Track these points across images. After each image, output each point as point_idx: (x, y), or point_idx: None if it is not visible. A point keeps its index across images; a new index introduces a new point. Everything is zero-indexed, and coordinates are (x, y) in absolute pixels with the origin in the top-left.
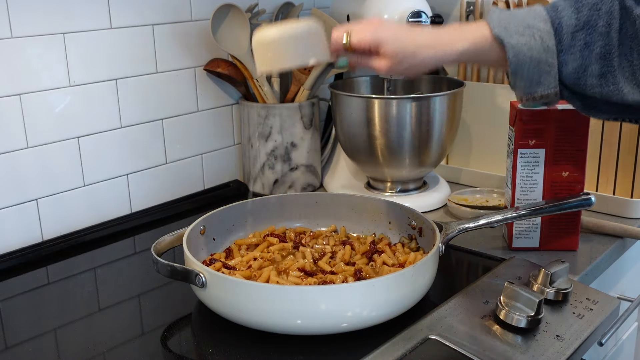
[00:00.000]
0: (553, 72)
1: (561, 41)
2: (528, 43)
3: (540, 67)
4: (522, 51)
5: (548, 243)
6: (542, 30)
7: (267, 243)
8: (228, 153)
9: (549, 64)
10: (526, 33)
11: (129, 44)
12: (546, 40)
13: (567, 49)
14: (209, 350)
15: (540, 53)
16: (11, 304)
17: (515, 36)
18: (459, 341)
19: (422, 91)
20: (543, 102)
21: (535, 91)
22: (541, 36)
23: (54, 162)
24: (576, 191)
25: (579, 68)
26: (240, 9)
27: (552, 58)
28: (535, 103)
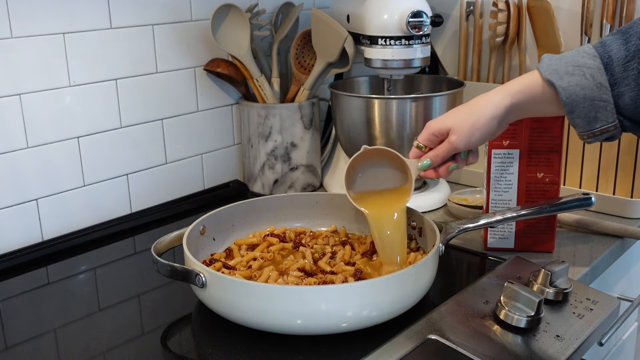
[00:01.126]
0: (609, 107)
1: (613, 74)
2: (579, 83)
3: (595, 104)
4: (575, 91)
5: (523, 244)
6: (592, 68)
7: (267, 243)
8: (228, 153)
9: (604, 99)
10: (576, 72)
11: (129, 44)
12: (597, 77)
13: (620, 81)
14: (209, 350)
15: (593, 91)
16: (11, 304)
17: (566, 77)
18: (459, 341)
19: (422, 91)
20: (606, 137)
21: (595, 127)
22: (592, 74)
23: (54, 162)
24: (552, 192)
25: (636, 97)
26: (240, 9)
27: (605, 94)
28: (598, 138)
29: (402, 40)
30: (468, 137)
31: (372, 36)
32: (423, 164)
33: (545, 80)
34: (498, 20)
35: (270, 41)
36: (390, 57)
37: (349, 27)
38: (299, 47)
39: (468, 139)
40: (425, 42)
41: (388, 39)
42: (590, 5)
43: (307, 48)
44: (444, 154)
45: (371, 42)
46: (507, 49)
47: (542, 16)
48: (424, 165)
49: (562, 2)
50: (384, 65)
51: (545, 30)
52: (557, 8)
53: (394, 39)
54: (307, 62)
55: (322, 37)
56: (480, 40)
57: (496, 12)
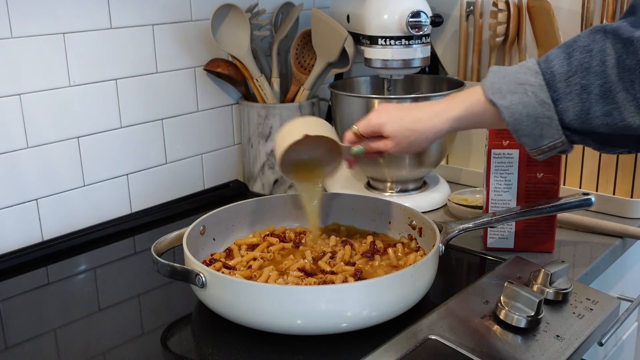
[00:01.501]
0: (554, 123)
1: (556, 90)
2: (522, 101)
3: (539, 121)
4: (517, 110)
5: (523, 244)
6: (533, 85)
7: (267, 243)
8: (228, 153)
9: (547, 116)
10: (518, 90)
11: (129, 44)
12: (539, 95)
13: (564, 97)
14: (209, 350)
15: (535, 109)
16: (11, 304)
17: (508, 96)
18: (459, 341)
19: (422, 91)
20: (557, 152)
21: (542, 145)
22: (533, 91)
23: (54, 162)
24: (552, 192)
25: (580, 112)
26: (240, 9)
27: (549, 111)
28: (548, 154)
29: (402, 40)
30: (405, 150)
31: (372, 36)
32: (356, 151)
33: (487, 99)
34: (498, 20)
35: (270, 41)
36: (390, 57)
37: (349, 27)
38: (299, 47)
39: (405, 151)
40: (425, 42)
41: (388, 39)
42: (590, 5)
43: (307, 48)
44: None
45: (371, 42)
46: (507, 49)
47: (542, 16)
48: (357, 151)
49: (562, 2)
50: (384, 65)
51: (545, 30)
52: (557, 8)
53: (394, 39)
54: (307, 62)
55: (322, 37)
56: (480, 40)
57: (496, 12)
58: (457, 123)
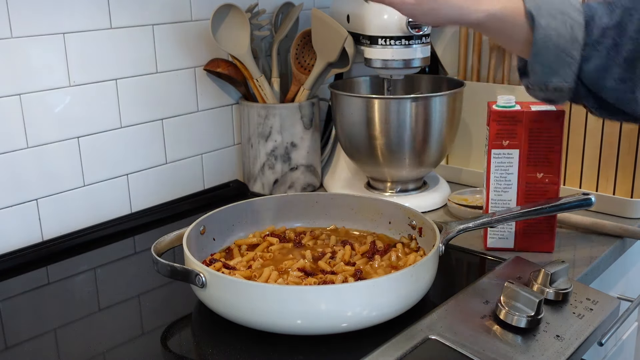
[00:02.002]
0: (573, 65)
1: (590, 35)
2: (557, 29)
3: (561, 56)
4: (550, 35)
5: (523, 244)
6: (574, 20)
7: (267, 243)
8: (228, 153)
9: (572, 56)
10: (558, 18)
11: (129, 44)
12: (576, 31)
13: (593, 44)
14: (209, 350)
15: (566, 42)
16: (11, 304)
17: (547, 17)
18: (459, 341)
19: (422, 91)
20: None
21: (550, 81)
22: (572, 25)
23: (54, 162)
24: (552, 192)
25: (601, 66)
26: (240, 9)
27: (576, 51)
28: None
29: (402, 40)
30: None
31: (372, 36)
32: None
33: (526, 11)
34: None
35: (270, 41)
36: (390, 57)
37: (349, 27)
38: (299, 47)
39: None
40: (425, 42)
41: (388, 39)
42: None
43: (307, 48)
44: None
45: (371, 42)
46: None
47: None
48: None
49: None
50: (384, 65)
51: None
52: None
53: (394, 39)
54: (307, 62)
55: (322, 37)
56: (480, 40)
57: None
58: (488, 19)
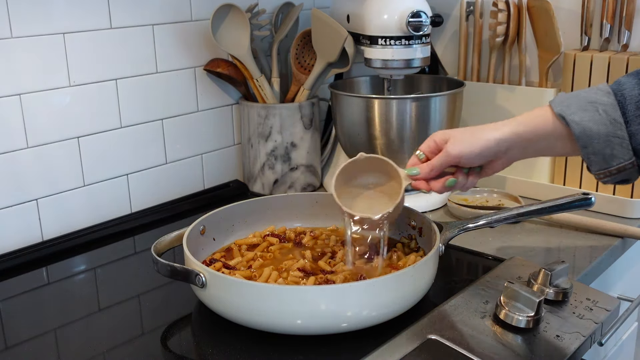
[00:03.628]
0: (625, 143)
1: (626, 113)
2: (592, 118)
3: (610, 140)
4: (588, 126)
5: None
6: (605, 104)
7: (267, 243)
8: (228, 153)
9: (619, 135)
10: (589, 108)
11: (129, 44)
12: (611, 113)
13: (633, 120)
14: (209, 350)
15: (607, 126)
16: (11, 304)
17: (579, 112)
18: (459, 341)
19: (422, 91)
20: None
21: (611, 165)
22: (605, 110)
23: (54, 162)
24: None
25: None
26: (240, 9)
27: (620, 130)
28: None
29: (402, 40)
30: (463, 147)
31: (372, 36)
32: (410, 171)
33: (556, 114)
34: (498, 20)
35: (270, 41)
36: (390, 57)
37: (349, 27)
38: (299, 47)
39: (462, 148)
40: (425, 42)
41: (388, 39)
42: (590, 5)
43: (307, 48)
44: (438, 164)
45: (371, 42)
46: (507, 49)
47: (542, 16)
48: (412, 172)
49: (562, 2)
50: (384, 65)
51: (545, 30)
52: (557, 8)
53: (394, 39)
54: (307, 62)
55: (322, 37)
56: (480, 40)
57: (496, 12)
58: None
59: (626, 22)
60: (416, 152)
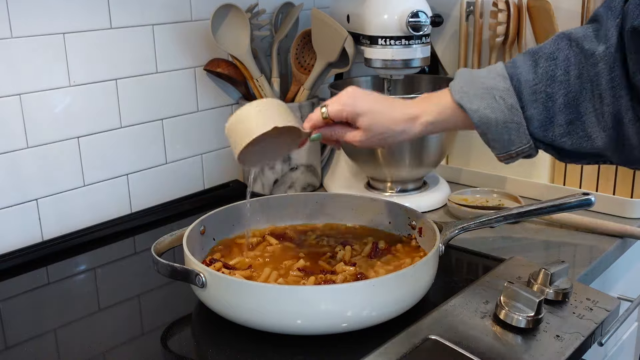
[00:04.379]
0: (522, 129)
1: (522, 98)
2: (490, 105)
3: (508, 126)
4: (485, 114)
5: None
6: (502, 90)
7: (267, 243)
8: (228, 153)
9: (516, 121)
10: (486, 96)
11: (129, 44)
12: (508, 100)
13: (529, 104)
14: (209, 350)
15: (504, 113)
16: (11, 304)
17: (476, 100)
18: (459, 341)
19: (422, 91)
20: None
21: (510, 150)
22: (502, 96)
23: (54, 162)
24: None
25: (545, 121)
26: (240, 9)
27: (517, 116)
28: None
29: (402, 40)
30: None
31: (372, 36)
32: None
33: (455, 103)
34: (498, 20)
35: (270, 41)
36: (390, 57)
37: (349, 27)
38: (299, 47)
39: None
40: (425, 42)
41: (388, 39)
42: (590, 5)
43: (307, 48)
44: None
45: (371, 42)
46: (507, 49)
47: (542, 16)
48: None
49: (562, 2)
50: (384, 65)
51: (545, 30)
52: (557, 8)
53: (393, 39)
54: (307, 62)
55: (322, 37)
56: (480, 40)
57: (496, 12)
58: (430, 127)
59: None
60: (322, 110)
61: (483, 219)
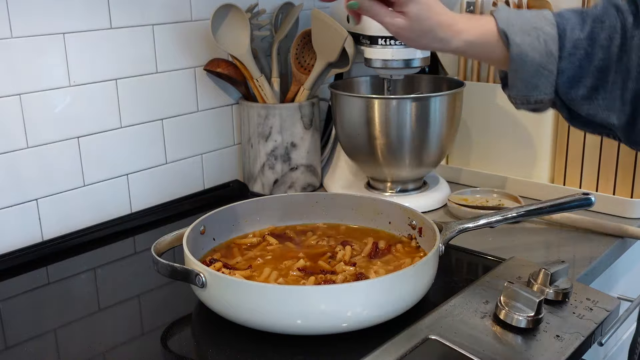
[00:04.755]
0: (551, 78)
1: (563, 48)
2: (532, 44)
3: (540, 71)
4: (525, 51)
5: None
6: (547, 34)
7: (267, 243)
8: (228, 153)
9: (549, 69)
10: (532, 34)
11: (129, 44)
12: (549, 45)
13: (567, 57)
14: (209, 350)
15: (542, 57)
16: (11, 304)
17: (520, 34)
18: (459, 341)
19: (422, 91)
20: (533, 108)
21: (531, 95)
22: (545, 40)
23: (54, 162)
24: None
25: (574, 78)
26: (240, 9)
27: (552, 64)
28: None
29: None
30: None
31: (372, 36)
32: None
33: (499, 30)
34: None
35: (270, 41)
36: (390, 57)
37: (349, 27)
38: (299, 47)
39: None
40: None
41: (388, 39)
42: (590, 5)
43: (307, 48)
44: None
45: (371, 42)
46: None
47: None
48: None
49: (562, 2)
50: (384, 65)
51: None
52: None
53: (394, 39)
54: (307, 62)
55: (322, 37)
56: None
57: None
58: (468, 47)
59: None
60: None
61: (483, 219)
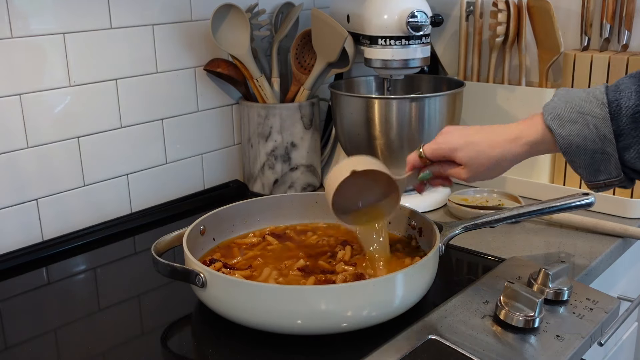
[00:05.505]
0: (613, 160)
1: (619, 126)
2: (581, 133)
3: (596, 157)
4: (575, 142)
5: None
6: (597, 117)
7: (267, 242)
8: (228, 153)
9: (607, 152)
10: (579, 121)
11: (129, 44)
12: (601, 129)
13: (627, 133)
14: (209, 350)
15: (595, 143)
16: (11, 304)
17: (568, 125)
18: (459, 341)
19: (422, 91)
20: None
21: (598, 179)
22: (595, 124)
23: (54, 162)
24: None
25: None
26: (240, 9)
27: (609, 147)
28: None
29: (402, 41)
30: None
31: (372, 36)
32: (423, 176)
33: (546, 125)
34: (498, 20)
35: (270, 41)
36: (390, 57)
37: (349, 27)
38: (299, 47)
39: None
40: (425, 42)
41: (388, 39)
42: (590, 5)
43: (307, 48)
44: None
45: (371, 42)
46: (507, 49)
47: (542, 16)
48: (424, 176)
49: (562, 2)
50: (384, 65)
51: (545, 30)
52: (557, 8)
53: (393, 39)
54: (307, 62)
55: (322, 37)
56: (480, 40)
57: (496, 12)
58: (534, 148)
59: (626, 22)
60: (419, 151)
61: (483, 219)
